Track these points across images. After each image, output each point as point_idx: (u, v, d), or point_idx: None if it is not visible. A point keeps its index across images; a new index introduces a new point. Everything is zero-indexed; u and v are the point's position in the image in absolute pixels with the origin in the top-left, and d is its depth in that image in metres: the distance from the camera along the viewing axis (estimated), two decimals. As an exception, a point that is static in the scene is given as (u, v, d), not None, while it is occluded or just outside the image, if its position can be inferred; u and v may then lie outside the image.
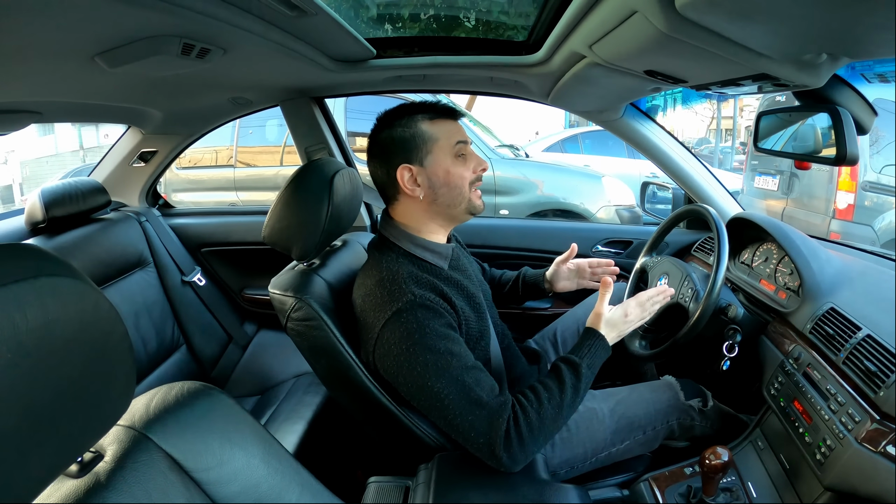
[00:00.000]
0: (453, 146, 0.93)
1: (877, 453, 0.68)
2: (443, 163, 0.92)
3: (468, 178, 0.94)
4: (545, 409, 0.80)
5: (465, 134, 0.96)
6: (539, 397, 0.81)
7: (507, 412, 0.79)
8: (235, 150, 4.24)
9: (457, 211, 0.95)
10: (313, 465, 0.70)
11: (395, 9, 1.27)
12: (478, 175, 0.96)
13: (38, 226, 1.40)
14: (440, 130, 0.93)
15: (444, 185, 0.92)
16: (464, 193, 0.94)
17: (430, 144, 0.92)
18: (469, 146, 0.96)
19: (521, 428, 0.78)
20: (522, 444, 0.78)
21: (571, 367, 0.85)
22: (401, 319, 0.82)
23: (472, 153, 0.97)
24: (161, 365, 1.53)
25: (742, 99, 10.23)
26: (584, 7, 0.72)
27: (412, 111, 0.93)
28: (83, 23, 0.68)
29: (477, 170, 0.95)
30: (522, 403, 0.80)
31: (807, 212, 3.60)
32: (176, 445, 0.53)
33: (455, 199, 0.94)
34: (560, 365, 0.86)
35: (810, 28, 0.57)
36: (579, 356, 0.87)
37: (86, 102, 1.20)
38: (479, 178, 0.96)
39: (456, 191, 0.93)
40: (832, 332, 0.86)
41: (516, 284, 1.26)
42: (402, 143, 0.92)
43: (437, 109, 0.94)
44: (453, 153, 0.93)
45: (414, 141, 0.92)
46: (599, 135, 5.81)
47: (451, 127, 0.94)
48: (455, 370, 0.80)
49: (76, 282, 0.38)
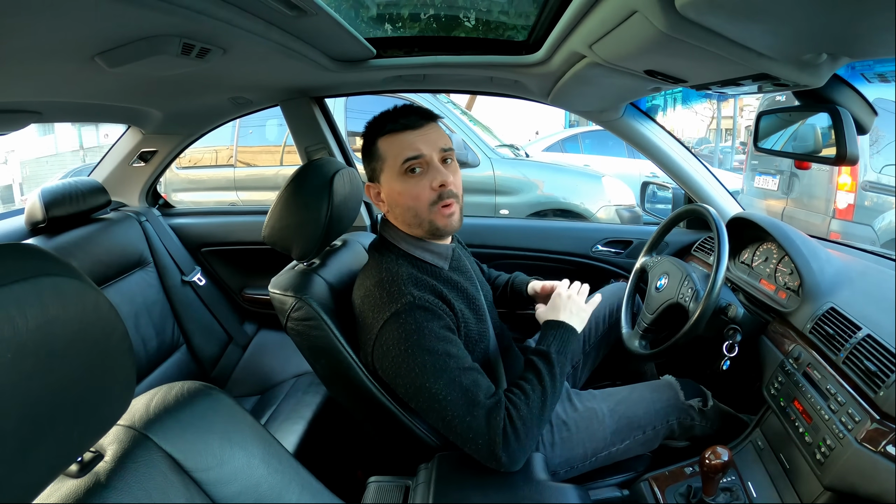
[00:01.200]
0: (400, 165, 0.87)
1: (877, 453, 0.68)
2: (393, 183, 0.89)
3: (423, 198, 0.88)
4: (532, 400, 0.81)
5: (421, 146, 0.87)
6: (524, 390, 0.82)
7: (503, 412, 0.79)
8: (235, 150, 4.24)
9: (420, 230, 0.91)
10: (313, 465, 0.70)
11: (395, 9, 1.27)
12: (438, 193, 0.88)
13: (38, 226, 1.39)
14: (390, 148, 0.89)
15: (398, 206, 0.91)
16: (420, 214, 0.89)
17: (381, 163, 0.91)
18: (426, 159, 0.87)
19: (515, 424, 0.78)
20: (519, 440, 0.78)
21: (541, 356, 0.88)
22: (399, 321, 0.82)
23: (432, 168, 0.88)
24: (161, 365, 1.53)
25: (742, 99, 10.24)
26: (584, 7, 0.72)
27: (373, 127, 0.92)
28: (83, 23, 0.68)
29: (434, 186, 0.87)
30: (512, 399, 0.81)
31: (807, 212, 3.60)
32: (176, 445, 0.53)
33: (411, 218, 0.90)
34: (531, 358, 0.89)
35: (810, 28, 0.57)
36: (545, 344, 0.90)
37: (86, 102, 1.20)
38: (440, 197, 0.88)
39: (410, 211, 0.89)
40: (832, 332, 0.86)
41: (505, 290, 1.24)
42: (366, 161, 0.94)
43: (396, 122, 0.88)
44: (401, 172, 0.88)
45: (372, 159, 0.93)
46: (599, 135, 5.80)
47: (403, 141, 0.88)
48: (453, 372, 0.80)
49: (76, 282, 0.38)
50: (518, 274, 1.26)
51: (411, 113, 0.90)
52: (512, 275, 1.27)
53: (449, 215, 0.90)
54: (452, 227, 0.91)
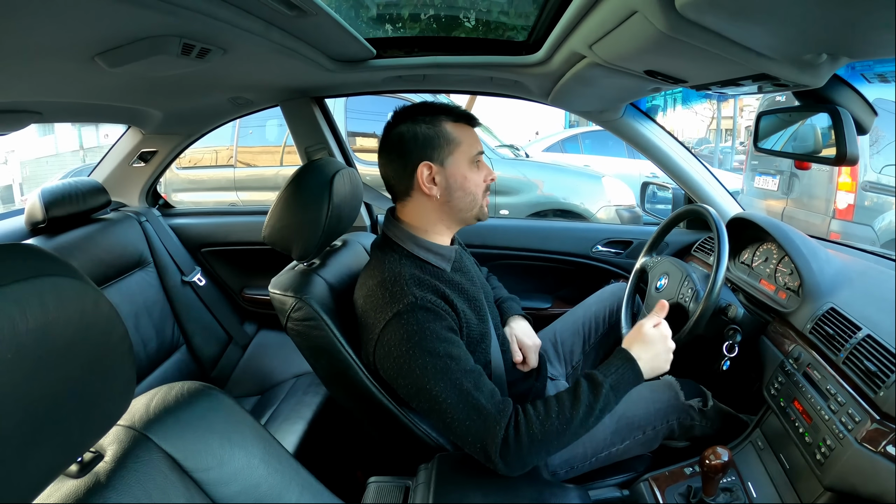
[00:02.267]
0: (473, 154, 0.94)
1: (877, 453, 0.68)
2: (462, 167, 0.93)
3: (482, 187, 0.96)
4: (551, 422, 0.77)
5: (481, 144, 0.98)
6: (549, 410, 0.79)
7: (506, 418, 0.77)
8: (235, 150, 4.24)
9: (467, 215, 0.97)
10: (313, 465, 0.70)
11: (395, 9, 1.28)
12: (487, 184, 0.98)
13: (38, 226, 1.39)
14: (463, 135, 0.94)
15: (460, 189, 0.93)
16: (477, 199, 0.96)
17: (452, 146, 0.92)
18: (482, 156, 0.98)
19: (521, 437, 0.76)
20: (520, 453, 0.76)
21: (592, 385, 0.81)
22: (401, 321, 0.82)
23: (484, 163, 0.99)
24: (161, 365, 1.53)
25: (742, 99, 10.23)
26: (584, 7, 0.72)
27: (437, 111, 0.94)
28: (83, 23, 0.68)
29: (487, 179, 0.98)
30: (529, 413, 0.78)
31: (807, 212, 3.60)
32: (176, 445, 0.53)
33: (468, 203, 0.95)
34: (581, 381, 0.82)
35: (810, 28, 0.57)
36: (605, 374, 0.83)
37: (86, 102, 1.20)
38: (488, 188, 0.99)
39: (470, 196, 0.95)
40: (832, 332, 0.86)
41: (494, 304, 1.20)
42: (425, 139, 0.91)
43: (460, 113, 0.95)
44: (472, 160, 0.94)
45: (438, 140, 0.92)
46: (599, 135, 5.80)
47: (472, 134, 0.96)
48: (454, 373, 0.80)
49: (76, 282, 0.38)
50: (511, 298, 1.22)
51: (468, 112, 0.97)
52: (506, 296, 1.22)
53: (488, 204, 1.00)
54: (487, 215, 1.01)
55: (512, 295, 1.23)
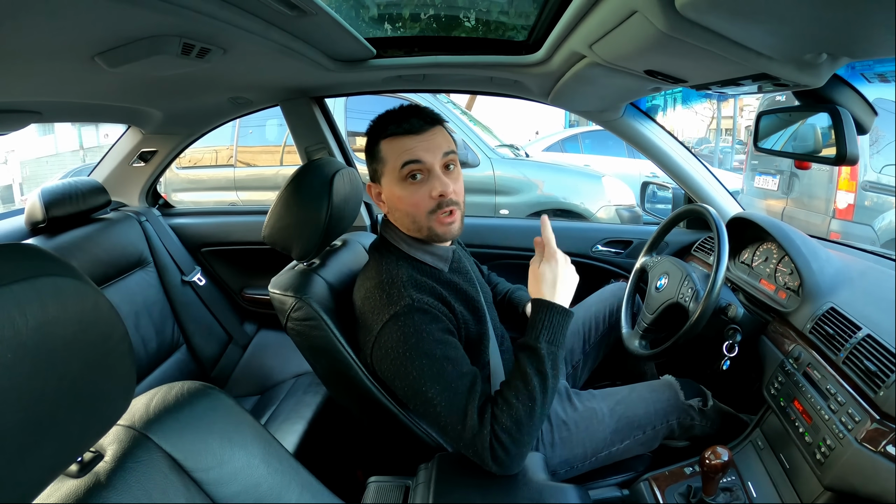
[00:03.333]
0: (399, 169, 0.86)
1: (877, 453, 0.68)
2: (392, 188, 0.89)
3: (422, 206, 0.87)
4: (516, 409, 0.77)
5: (421, 151, 0.86)
6: (507, 399, 0.78)
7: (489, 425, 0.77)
8: (235, 149, 4.24)
9: (420, 235, 0.91)
10: (313, 465, 0.70)
11: (395, 9, 1.28)
12: (437, 202, 0.87)
13: (38, 226, 1.40)
14: (390, 151, 0.87)
15: (397, 210, 0.91)
16: (418, 220, 0.88)
17: (381, 166, 0.90)
18: (425, 166, 0.86)
19: (500, 437, 0.76)
20: (507, 452, 0.76)
21: (529, 352, 0.80)
22: (398, 323, 0.82)
23: (433, 175, 0.86)
24: (161, 365, 1.53)
25: (742, 99, 10.23)
26: (584, 7, 0.72)
27: (376, 128, 0.90)
28: (83, 23, 0.68)
29: (434, 195, 0.86)
30: (495, 412, 0.77)
31: (807, 211, 3.60)
32: (176, 445, 0.53)
33: (409, 224, 0.90)
34: (519, 354, 0.81)
35: (810, 28, 0.57)
36: (535, 336, 0.80)
37: (86, 102, 1.20)
38: (440, 206, 0.87)
39: (408, 217, 0.89)
40: (832, 332, 0.86)
41: (502, 300, 1.23)
42: (369, 160, 0.93)
43: (399, 124, 0.87)
44: (401, 177, 0.87)
45: (374, 161, 0.91)
46: (599, 135, 5.80)
47: (404, 145, 0.86)
48: (449, 377, 0.79)
49: (76, 282, 0.38)
50: (519, 288, 1.24)
51: (414, 116, 0.88)
52: (513, 286, 1.25)
53: (449, 223, 0.89)
54: (452, 234, 0.91)
55: (517, 285, 1.24)
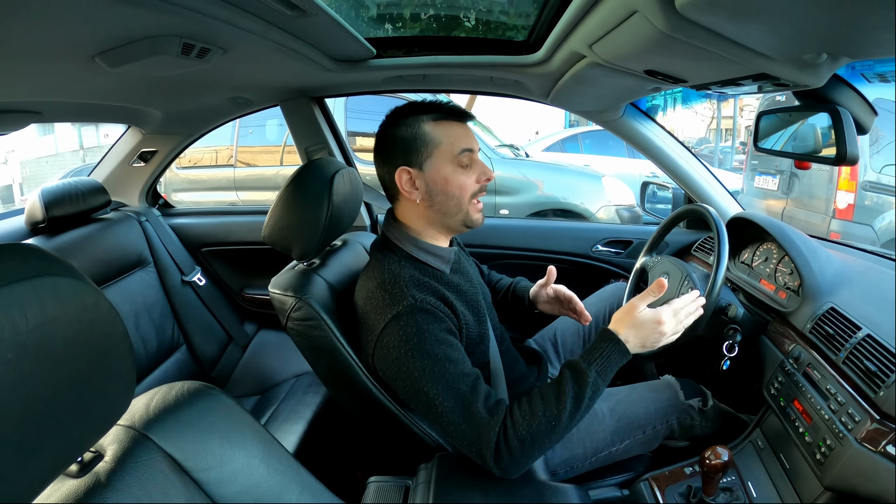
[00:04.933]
0: (456, 153, 0.89)
1: (877, 453, 0.68)
2: (442, 169, 0.89)
3: (469, 189, 0.90)
4: (538, 422, 0.75)
5: (472, 140, 0.91)
6: (534, 409, 0.77)
7: (499, 423, 0.76)
8: (235, 150, 4.24)
9: (452, 221, 0.92)
10: (313, 465, 0.70)
11: (395, 8, 1.27)
12: (481, 185, 0.92)
13: (38, 226, 1.40)
14: (444, 134, 0.89)
15: (441, 193, 0.90)
16: (461, 205, 0.90)
17: (430, 148, 0.89)
18: (475, 154, 0.91)
19: (510, 442, 0.75)
20: (513, 458, 0.76)
21: (576, 375, 0.78)
22: (400, 323, 0.82)
23: (478, 162, 0.92)
24: (161, 365, 1.53)
25: (742, 99, 10.23)
26: (584, 7, 0.72)
27: (417, 110, 0.90)
28: (83, 23, 0.68)
29: (481, 179, 0.91)
30: (515, 416, 0.77)
31: (807, 212, 3.60)
32: (176, 445, 0.53)
33: (451, 208, 0.91)
34: (565, 371, 0.80)
35: (810, 28, 0.57)
36: (588, 362, 0.79)
37: (86, 102, 1.20)
38: (482, 189, 0.92)
39: (453, 200, 0.90)
40: (832, 332, 0.86)
41: (506, 295, 1.23)
42: (404, 143, 0.89)
43: (443, 110, 0.90)
44: (455, 160, 0.89)
45: (415, 142, 0.88)
46: (599, 135, 5.80)
47: (456, 131, 0.90)
48: (451, 377, 0.79)
49: (76, 282, 0.38)
50: (520, 280, 1.24)
51: (455, 107, 0.91)
52: (514, 280, 1.25)
53: (481, 209, 0.94)
54: (481, 221, 0.94)
55: (518, 277, 1.25)
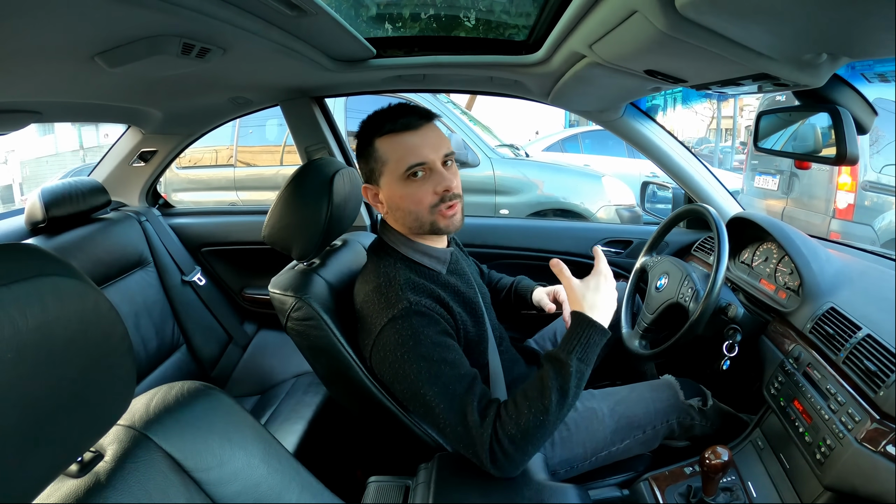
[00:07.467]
0: (403, 171, 0.86)
1: (877, 453, 0.68)
2: (394, 186, 0.88)
3: (426, 202, 0.87)
4: (526, 419, 0.75)
5: (426, 151, 0.86)
6: (519, 407, 0.76)
7: (490, 426, 0.76)
8: (235, 149, 4.24)
9: (423, 230, 0.91)
10: (313, 465, 0.70)
11: (395, 8, 1.28)
12: (440, 196, 0.88)
13: (38, 226, 1.40)
14: (392, 150, 0.87)
15: (398, 209, 0.90)
16: (420, 217, 0.89)
17: (380, 166, 0.89)
18: (428, 165, 0.87)
19: (502, 442, 0.75)
20: (508, 457, 0.75)
21: (557, 366, 0.78)
22: (396, 326, 0.82)
23: (435, 172, 0.87)
24: (161, 365, 1.53)
25: (742, 99, 10.24)
26: (584, 7, 0.72)
27: (370, 127, 0.89)
28: (83, 23, 0.68)
29: (438, 190, 0.87)
30: (503, 416, 0.76)
31: (807, 211, 3.60)
32: (176, 445, 0.53)
33: (413, 222, 0.90)
34: (544, 365, 0.79)
35: (810, 28, 0.57)
36: (567, 351, 0.78)
37: (86, 102, 1.20)
38: (443, 200, 0.88)
39: (411, 215, 0.89)
40: (832, 332, 0.86)
41: (509, 294, 1.23)
42: (362, 160, 0.92)
43: (392, 125, 0.86)
44: (403, 176, 0.87)
45: (370, 160, 0.90)
46: (599, 135, 5.80)
47: (407, 144, 0.86)
48: (447, 379, 0.79)
49: (76, 282, 0.38)
50: (522, 278, 1.25)
51: (410, 113, 0.88)
52: (515, 279, 1.25)
53: (451, 215, 0.90)
54: (454, 226, 0.91)
55: (519, 276, 1.25)
